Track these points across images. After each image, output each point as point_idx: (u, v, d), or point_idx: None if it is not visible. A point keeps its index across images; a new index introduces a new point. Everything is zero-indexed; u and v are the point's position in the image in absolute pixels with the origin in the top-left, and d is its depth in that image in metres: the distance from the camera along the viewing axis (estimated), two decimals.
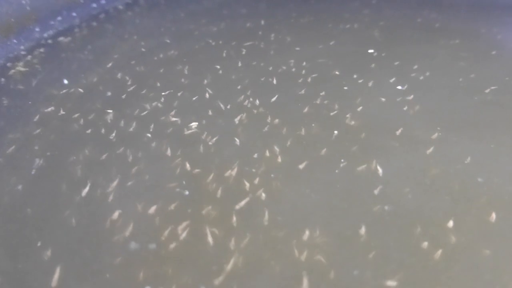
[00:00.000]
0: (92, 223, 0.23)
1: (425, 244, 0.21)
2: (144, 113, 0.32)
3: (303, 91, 0.34)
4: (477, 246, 0.21)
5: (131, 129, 0.30)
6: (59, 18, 0.49)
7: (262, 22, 0.47)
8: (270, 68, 0.37)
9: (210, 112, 0.32)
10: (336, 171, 0.26)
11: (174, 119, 0.31)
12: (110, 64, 0.40)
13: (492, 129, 0.28)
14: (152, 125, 0.31)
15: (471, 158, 0.26)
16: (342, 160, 0.26)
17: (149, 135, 0.30)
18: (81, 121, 0.31)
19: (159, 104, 0.33)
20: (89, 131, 0.30)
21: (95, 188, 0.25)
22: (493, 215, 0.22)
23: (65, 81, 0.37)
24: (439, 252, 0.20)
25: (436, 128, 0.29)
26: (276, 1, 0.54)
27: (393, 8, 0.49)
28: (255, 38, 0.43)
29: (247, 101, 0.33)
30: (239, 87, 0.35)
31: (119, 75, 0.38)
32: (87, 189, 0.25)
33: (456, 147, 0.27)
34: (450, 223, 0.22)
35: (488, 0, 0.50)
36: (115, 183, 0.25)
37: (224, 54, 0.40)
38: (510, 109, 0.30)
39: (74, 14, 0.50)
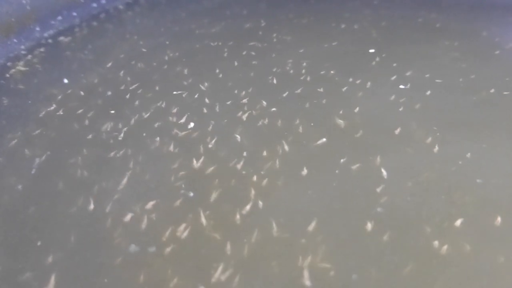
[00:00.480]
0: (92, 223, 0.23)
1: (429, 244, 0.21)
2: (145, 113, 0.32)
3: (303, 91, 0.34)
4: (485, 248, 0.21)
5: (131, 129, 0.30)
6: (60, 17, 0.49)
7: (262, 22, 0.47)
8: (270, 68, 0.37)
9: (210, 113, 0.32)
10: (337, 171, 0.26)
11: (174, 119, 0.31)
12: (110, 64, 0.40)
13: (492, 130, 0.28)
14: (153, 125, 0.31)
15: (471, 158, 0.26)
16: (341, 160, 0.26)
17: (149, 135, 0.30)
18: (81, 121, 0.31)
19: (160, 104, 0.33)
20: (89, 131, 0.30)
21: (95, 188, 0.25)
22: (498, 219, 0.22)
23: (65, 81, 0.37)
24: (444, 251, 0.20)
25: (435, 128, 0.29)
26: (276, 1, 0.54)
27: (394, 8, 0.49)
28: (255, 39, 0.43)
29: (246, 101, 0.33)
30: (239, 87, 0.34)
31: (119, 75, 0.38)
32: (87, 189, 0.25)
33: (456, 148, 0.27)
34: (456, 223, 0.22)
35: (489, 0, 0.50)
36: (115, 183, 0.25)
37: (224, 55, 0.40)
38: (510, 110, 0.30)
39: (74, 13, 0.50)
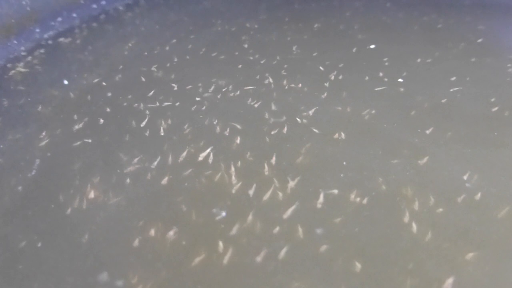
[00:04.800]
0: (93, 224, 0.23)
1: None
2: (144, 115, 0.32)
3: (303, 92, 0.34)
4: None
5: (131, 131, 0.30)
6: (59, 19, 0.49)
7: (262, 23, 0.47)
8: (270, 69, 0.37)
9: (209, 114, 0.32)
10: (344, 162, 0.26)
11: (173, 120, 0.31)
12: (110, 65, 0.40)
13: (491, 132, 0.29)
14: (152, 127, 0.30)
15: (460, 159, 0.26)
16: (344, 163, 0.26)
17: (148, 137, 0.29)
18: (81, 122, 0.31)
19: (159, 106, 0.33)
20: (89, 132, 0.30)
21: (95, 189, 0.25)
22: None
23: (65, 82, 0.37)
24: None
25: (430, 128, 0.29)
26: (276, 2, 0.54)
27: (394, 9, 0.49)
28: (255, 39, 0.43)
29: (247, 102, 0.33)
30: (238, 88, 0.34)
31: (119, 76, 0.38)
32: (87, 190, 0.25)
33: (446, 148, 0.27)
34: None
35: (490, 1, 0.50)
36: (115, 186, 0.25)
37: (224, 55, 0.40)
38: (510, 110, 0.30)
39: (74, 15, 0.50)
